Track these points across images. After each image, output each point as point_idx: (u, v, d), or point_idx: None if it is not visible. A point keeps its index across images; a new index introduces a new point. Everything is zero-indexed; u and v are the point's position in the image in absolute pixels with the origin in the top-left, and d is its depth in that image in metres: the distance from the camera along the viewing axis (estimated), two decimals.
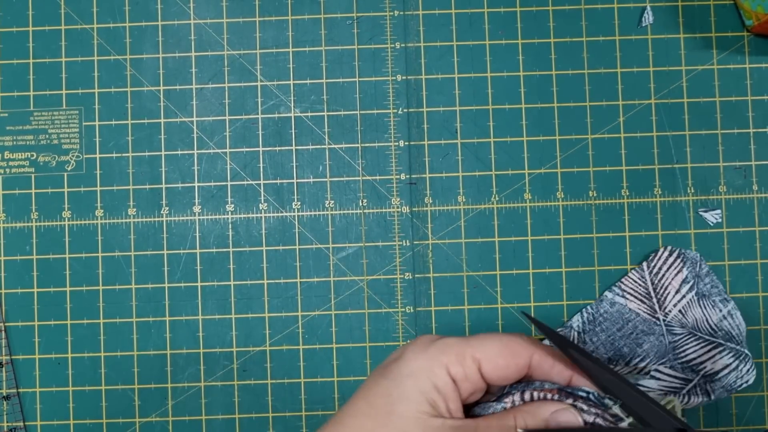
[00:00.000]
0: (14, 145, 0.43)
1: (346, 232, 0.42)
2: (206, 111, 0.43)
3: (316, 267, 0.42)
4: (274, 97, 0.43)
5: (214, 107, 0.43)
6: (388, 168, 0.42)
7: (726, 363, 0.38)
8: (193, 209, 0.42)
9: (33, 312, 0.42)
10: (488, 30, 0.43)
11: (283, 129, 0.43)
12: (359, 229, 0.42)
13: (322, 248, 0.42)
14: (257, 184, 0.42)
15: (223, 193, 0.42)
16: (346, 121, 0.42)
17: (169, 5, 0.43)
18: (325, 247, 0.42)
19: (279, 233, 0.42)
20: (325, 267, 0.42)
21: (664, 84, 0.43)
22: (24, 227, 0.42)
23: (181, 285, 0.42)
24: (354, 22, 0.43)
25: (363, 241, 0.42)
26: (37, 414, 0.42)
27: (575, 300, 0.42)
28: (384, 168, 0.42)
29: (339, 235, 0.42)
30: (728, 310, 0.40)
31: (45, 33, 0.43)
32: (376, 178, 0.42)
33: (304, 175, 0.42)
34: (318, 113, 0.43)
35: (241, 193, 0.42)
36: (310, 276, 0.42)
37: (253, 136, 0.43)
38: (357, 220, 0.42)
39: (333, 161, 0.43)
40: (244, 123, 0.43)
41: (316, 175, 0.42)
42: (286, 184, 0.42)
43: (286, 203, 0.42)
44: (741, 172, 0.43)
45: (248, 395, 0.42)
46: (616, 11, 0.43)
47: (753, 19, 0.42)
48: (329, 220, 0.42)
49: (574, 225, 0.42)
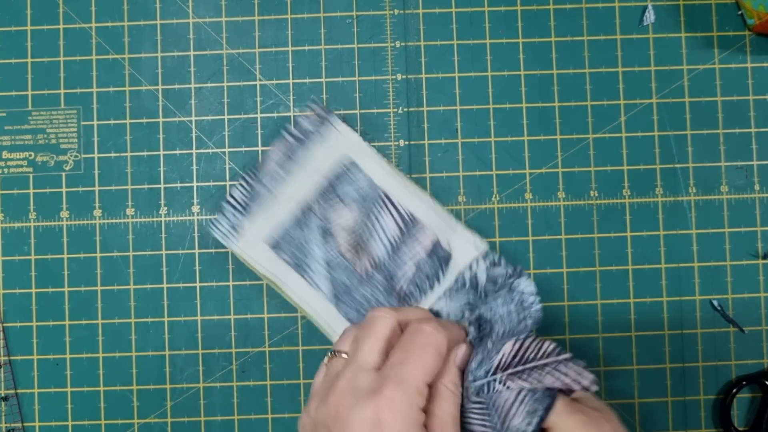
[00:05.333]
0: (12, 145, 0.42)
1: None
2: (205, 110, 0.42)
3: None
4: (273, 96, 0.42)
5: (213, 106, 0.42)
6: None
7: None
8: (192, 209, 0.42)
9: (31, 312, 0.42)
10: (489, 29, 0.43)
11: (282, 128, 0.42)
12: None
13: None
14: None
15: (222, 193, 0.42)
16: (346, 121, 0.42)
17: (168, 4, 0.43)
18: None
19: None
20: None
21: (666, 83, 0.42)
22: (22, 227, 0.42)
23: (179, 285, 0.42)
24: (354, 20, 0.43)
25: None
26: (36, 415, 0.41)
27: (576, 300, 0.42)
28: None
29: None
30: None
31: (43, 32, 0.43)
32: None
33: None
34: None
35: None
36: None
37: (252, 135, 0.42)
38: None
39: None
40: (243, 122, 0.42)
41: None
42: None
43: None
44: (742, 171, 0.42)
45: (247, 396, 0.41)
46: (617, 10, 0.43)
47: (755, 19, 0.41)
48: None
49: (575, 225, 0.42)
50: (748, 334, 0.42)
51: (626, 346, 0.42)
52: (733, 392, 0.41)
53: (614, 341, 0.42)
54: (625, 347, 0.42)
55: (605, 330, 0.42)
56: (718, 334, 0.42)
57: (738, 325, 0.42)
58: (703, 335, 0.42)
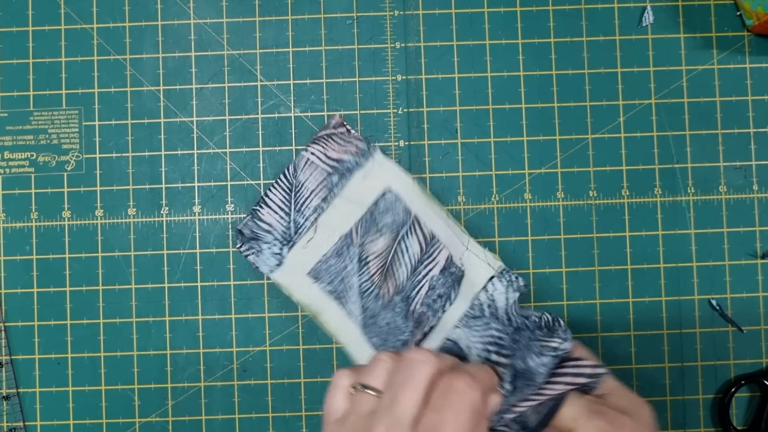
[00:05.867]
0: (14, 145, 0.43)
1: None
2: (206, 111, 0.43)
3: None
4: (273, 96, 0.43)
5: (214, 107, 0.43)
6: None
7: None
8: (193, 209, 0.42)
9: (33, 312, 0.42)
10: (488, 30, 0.43)
11: (283, 129, 0.42)
12: None
13: None
14: (257, 184, 0.42)
15: (223, 193, 0.42)
16: (346, 121, 0.42)
17: (169, 5, 0.43)
18: None
19: None
20: None
21: (665, 84, 0.43)
22: (24, 227, 0.42)
23: (181, 285, 0.42)
24: (354, 21, 0.43)
25: None
26: (37, 414, 0.42)
27: (575, 300, 0.42)
28: None
29: None
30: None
31: (45, 33, 0.43)
32: None
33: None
34: (318, 113, 0.42)
35: (241, 193, 0.42)
36: None
37: (253, 136, 0.43)
38: None
39: None
40: (244, 123, 0.43)
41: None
42: None
43: None
44: (741, 171, 0.42)
45: (248, 395, 0.42)
46: (616, 11, 0.43)
47: (753, 19, 0.41)
48: None
49: (575, 225, 0.42)
50: (746, 334, 0.42)
51: (625, 345, 0.42)
52: (732, 391, 0.41)
53: (613, 341, 0.42)
54: (624, 347, 0.42)
55: (604, 329, 0.42)
56: (716, 334, 0.42)
57: (737, 324, 0.42)
58: (702, 335, 0.42)
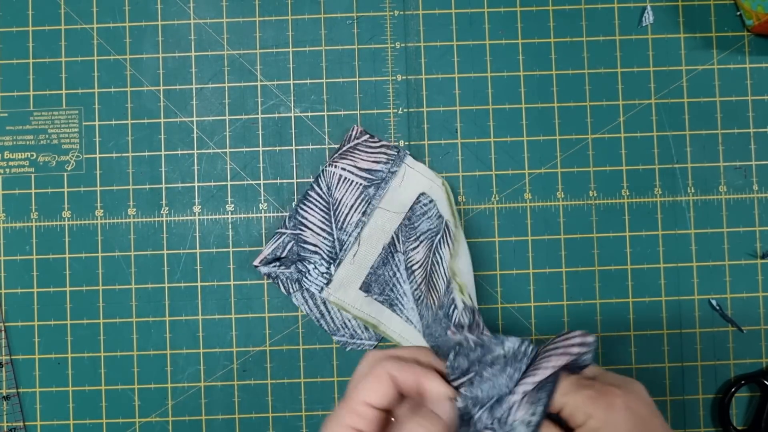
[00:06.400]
0: (14, 145, 0.43)
1: None
2: (206, 111, 0.43)
3: None
4: (274, 96, 0.43)
5: (214, 107, 0.43)
6: None
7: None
8: (193, 209, 0.42)
9: (33, 312, 0.42)
10: (488, 30, 0.43)
11: (283, 129, 0.42)
12: None
13: None
14: (257, 184, 0.42)
15: (223, 193, 0.42)
16: (346, 121, 0.42)
17: (169, 5, 0.43)
18: None
19: None
20: None
21: (665, 84, 0.43)
22: (24, 227, 0.42)
23: (181, 285, 0.42)
24: (354, 21, 0.43)
25: None
26: (37, 414, 0.42)
27: (575, 300, 0.42)
28: None
29: None
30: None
31: (45, 33, 0.43)
32: None
33: (304, 175, 0.42)
34: (318, 113, 0.43)
35: (241, 193, 0.42)
36: None
37: (253, 136, 0.43)
38: None
39: None
40: (244, 123, 0.43)
41: (317, 175, 0.42)
42: (286, 184, 0.42)
43: (286, 203, 0.42)
44: (741, 171, 0.42)
45: (248, 395, 0.42)
46: (616, 11, 0.43)
47: (753, 19, 0.41)
48: None
49: (575, 225, 0.42)
50: (746, 334, 0.42)
51: (625, 345, 0.42)
52: (732, 391, 0.41)
53: (613, 341, 0.42)
54: (624, 347, 0.42)
55: (604, 329, 0.42)
56: (716, 334, 0.42)
57: (736, 324, 0.42)
58: (702, 335, 0.42)
